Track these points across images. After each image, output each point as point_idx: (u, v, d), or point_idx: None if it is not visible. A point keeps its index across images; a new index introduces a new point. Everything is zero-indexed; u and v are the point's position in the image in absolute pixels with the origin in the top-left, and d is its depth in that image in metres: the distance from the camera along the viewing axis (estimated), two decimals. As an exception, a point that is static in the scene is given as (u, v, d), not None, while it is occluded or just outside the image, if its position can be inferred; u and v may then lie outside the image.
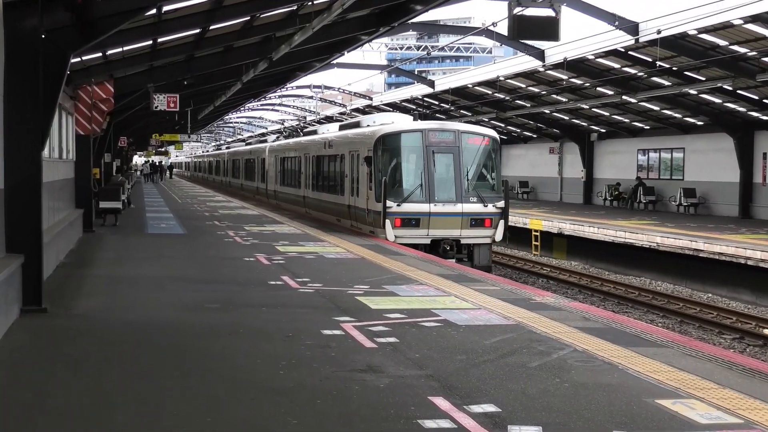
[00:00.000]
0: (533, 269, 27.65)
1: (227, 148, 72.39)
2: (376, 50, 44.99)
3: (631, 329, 9.75)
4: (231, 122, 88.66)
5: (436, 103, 46.54)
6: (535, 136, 48.76)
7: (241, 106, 51.76)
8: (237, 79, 26.62)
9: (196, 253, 17.58)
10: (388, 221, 20.14)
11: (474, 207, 20.33)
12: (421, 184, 20.34)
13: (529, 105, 39.84)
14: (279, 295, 12.03)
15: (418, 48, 49.58)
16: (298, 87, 53.91)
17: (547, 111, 39.48)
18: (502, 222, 20.48)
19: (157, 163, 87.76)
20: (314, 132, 33.02)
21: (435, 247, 20.34)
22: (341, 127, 28.65)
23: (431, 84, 44.02)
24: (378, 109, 53.55)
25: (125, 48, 19.37)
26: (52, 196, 15.47)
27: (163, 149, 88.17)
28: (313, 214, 28.61)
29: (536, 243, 31.27)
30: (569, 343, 8.91)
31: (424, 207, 20.21)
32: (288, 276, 13.90)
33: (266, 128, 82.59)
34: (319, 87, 54.87)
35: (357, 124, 26.00)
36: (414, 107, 48.32)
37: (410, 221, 20.27)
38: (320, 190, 27.74)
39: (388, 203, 20.10)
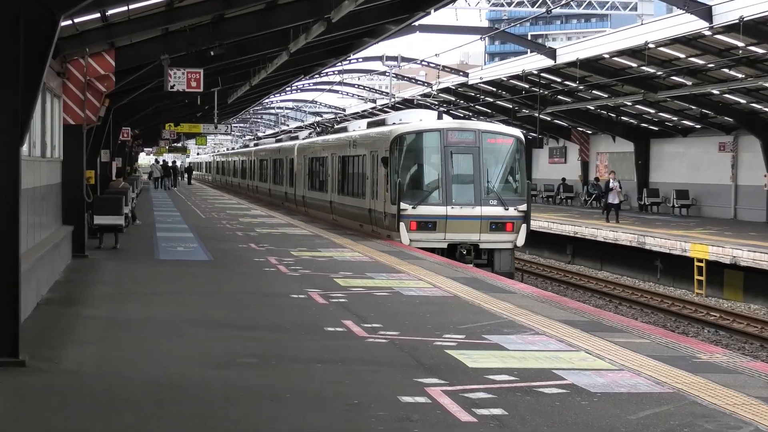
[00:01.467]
0: (695, 314, 27.31)
1: (255, 144, 74.84)
2: (474, 7, 45.09)
3: (840, 402, 9.57)
4: (272, 107, 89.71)
5: (558, 80, 46.40)
6: (698, 126, 48.21)
7: (287, 85, 52.29)
8: (282, 48, 26.89)
9: (226, 286, 17.79)
10: (402, 224, 25.68)
11: (494, 210, 25.74)
12: (438, 185, 25.92)
13: (689, 83, 39.42)
14: (339, 347, 12.10)
15: (532, 4, 49.39)
16: (365, 59, 54.21)
17: (715, 91, 39.03)
18: (524, 226, 25.79)
19: (171, 164, 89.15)
20: (344, 129, 38.56)
21: (452, 252, 25.25)
22: (368, 125, 33.83)
23: (551, 54, 43.79)
24: (474, 88, 53.76)
25: (131, 6, 19.71)
26: (31, 208, 15.75)
27: (179, 144, 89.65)
28: (340, 221, 34.24)
29: (700, 277, 30.88)
30: (749, 420, 8.80)
31: (440, 209, 25.67)
32: (352, 320, 13.98)
33: (321, 115, 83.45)
34: (394, 59, 55.00)
35: (382, 122, 31.90)
36: (527, 86, 48.20)
37: (426, 224, 25.64)
38: (345, 193, 33.53)
39: (403, 205, 25.65)
